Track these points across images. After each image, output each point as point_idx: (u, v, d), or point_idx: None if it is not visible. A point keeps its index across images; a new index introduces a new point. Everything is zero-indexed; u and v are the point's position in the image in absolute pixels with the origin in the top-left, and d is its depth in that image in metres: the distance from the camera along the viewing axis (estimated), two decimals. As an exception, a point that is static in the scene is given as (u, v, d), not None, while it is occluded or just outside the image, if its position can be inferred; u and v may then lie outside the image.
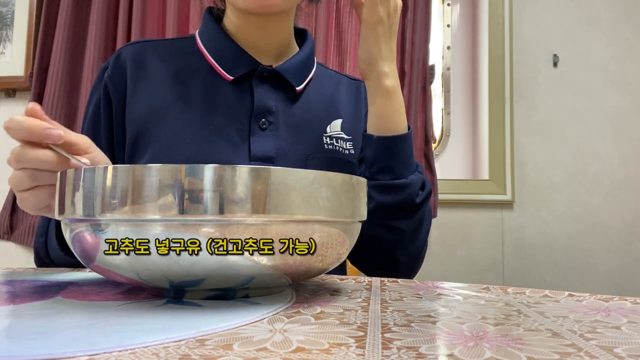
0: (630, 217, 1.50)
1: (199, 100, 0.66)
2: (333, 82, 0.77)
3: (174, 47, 0.71)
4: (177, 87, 0.66)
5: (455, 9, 1.74)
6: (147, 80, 0.67)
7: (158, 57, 0.69)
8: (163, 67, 0.68)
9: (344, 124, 0.72)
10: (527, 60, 1.57)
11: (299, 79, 0.70)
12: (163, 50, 0.70)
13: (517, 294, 0.39)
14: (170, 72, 0.68)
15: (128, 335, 0.23)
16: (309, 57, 0.73)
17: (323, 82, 0.75)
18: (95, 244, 0.31)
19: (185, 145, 0.62)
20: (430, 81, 1.53)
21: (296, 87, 0.69)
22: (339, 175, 0.33)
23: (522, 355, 0.21)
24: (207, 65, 0.68)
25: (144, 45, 0.71)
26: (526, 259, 1.51)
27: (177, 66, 0.68)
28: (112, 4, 1.54)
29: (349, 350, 0.22)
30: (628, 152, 1.52)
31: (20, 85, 1.60)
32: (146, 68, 0.68)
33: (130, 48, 0.70)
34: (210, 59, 0.68)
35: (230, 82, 0.67)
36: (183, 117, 0.64)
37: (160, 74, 0.67)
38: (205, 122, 0.64)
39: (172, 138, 0.63)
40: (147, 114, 0.65)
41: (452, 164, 1.69)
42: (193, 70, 0.68)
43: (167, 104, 0.65)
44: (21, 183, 0.44)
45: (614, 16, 1.55)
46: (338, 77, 0.79)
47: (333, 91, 0.75)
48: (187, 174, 0.29)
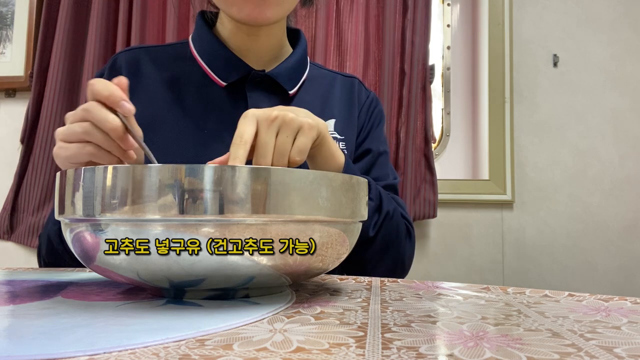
0: (630, 217, 1.50)
1: (193, 106, 0.66)
2: (327, 82, 0.77)
3: (168, 54, 0.72)
4: (172, 94, 0.67)
5: (455, 9, 1.74)
6: (142, 88, 0.67)
7: (153, 63, 0.70)
8: (157, 74, 0.69)
9: (337, 123, 0.72)
10: (527, 60, 1.57)
11: (292, 83, 0.70)
12: (157, 56, 0.71)
13: (517, 294, 0.39)
14: (165, 78, 0.68)
15: (128, 335, 0.23)
16: (302, 59, 0.73)
17: (317, 83, 0.75)
18: (95, 244, 0.31)
19: (180, 153, 0.63)
20: (430, 81, 1.53)
21: (289, 91, 0.69)
22: (339, 175, 0.33)
23: (522, 355, 0.21)
24: (201, 71, 0.69)
25: (139, 52, 0.71)
26: (526, 259, 1.51)
27: (171, 73, 0.69)
28: (112, 4, 1.54)
29: (349, 350, 0.22)
30: (628, 152, 1.52)
31: (20, 85, 1.60)
32: (141, 75, 0.69)
33: (126, 55, 0.71)
34: (203, 65, 0.69)
35: (223, 88, 0.67)
36: (177, 124, 0.65)
37: (154, 81, 0.68)
38: (200, 129, 0.65)
39: (167, 145, 0.63)
40: (141, 122, 0.64)
41: (452, 164, 1.69)
42: (187, 76, 0.68)
43: (161, 112, 0.66)
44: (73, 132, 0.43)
45: (614, 16, 1.55)
46: (332, 76, 0.79)
47: (327, 91, 0.75)
48: (187, 174, 0.29)
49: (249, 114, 0.46)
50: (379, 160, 0.74)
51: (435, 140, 1.68)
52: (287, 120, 0.47)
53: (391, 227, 0.64)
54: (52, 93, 1.50)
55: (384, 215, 0.62)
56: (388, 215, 0.63)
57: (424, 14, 1.50)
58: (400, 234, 0.66)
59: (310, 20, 1.50)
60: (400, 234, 0.66)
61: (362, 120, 0.77)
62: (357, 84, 0.79)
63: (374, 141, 0.75)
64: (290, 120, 0.47)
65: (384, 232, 0.63)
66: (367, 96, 0.79)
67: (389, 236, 0.64)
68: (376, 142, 0.76)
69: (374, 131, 0.77)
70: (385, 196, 0.64)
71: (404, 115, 1.45)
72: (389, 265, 0.65)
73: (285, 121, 0.47)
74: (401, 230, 0.66)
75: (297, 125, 0.47)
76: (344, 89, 0.77)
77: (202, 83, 0.68)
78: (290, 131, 0.47)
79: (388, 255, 0.64)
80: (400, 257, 0.67)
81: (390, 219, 0.63)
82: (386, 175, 0.74)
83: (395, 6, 1.50)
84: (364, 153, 0.74)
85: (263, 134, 0.45)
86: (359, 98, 0.78)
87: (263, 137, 0.45)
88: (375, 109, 0.79)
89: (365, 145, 0.74)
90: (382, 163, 0.74)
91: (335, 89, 0.77)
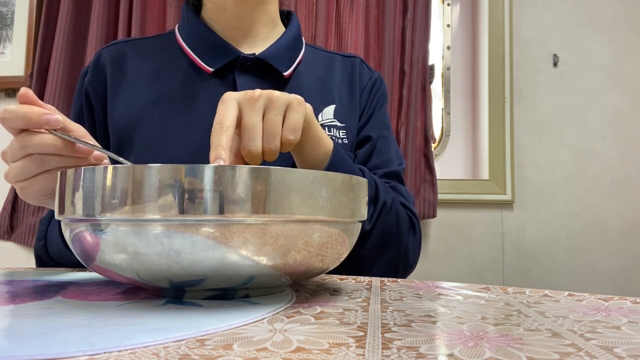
0: (630, 217, 1.50)
1: (180, 97, 0.63)
2: (325, 64, 0.71)
3: (153, 45, 0.69)
4: (158, 86, 0.64)
5: (455, 9, 1.74)
6: (127, 82, 0.65)
7: (138, 56, 0.67)
8: (143, 66, 0.66)
9: (337, 109, 0.67)
10: (527, 60, 1.57)
11: (286, 64, 0.65)
12: (142, 49, 0.68)
13: (517, 294, 0.39)
14: (151, 71, 0.65)
15: (128, 335, 0.23)
16: (295, 39, 0.68)
17: (314, 64, 0.70)
18: (95, 244, 0.31)
19: (168, 146, 0.61)
20: (430, 81, 1.53)
21: (283, 73, 0.65)
22: (338, 175, 0.33)
23: (522, 355, 0.21)
24: (187, 59, 0.65)
25: (123, 46, 0.69)
26: (526, 259, 1.51)
27: (157, 64, 0.66)
28: (113, 4, 1.54)
29: (349, 350, 0.22)
30: (628, 152, 1.52)
31: (20, 85, 1.60)
32: (126, 69, 0.66)
33: (109, 50, 0.68)
34: (189, 52, 0.65)
35: (211, 75, 0.64)
36: (165, 117, 0.62)
37: (140, 74, 0.65)
38: (188, 120, 0.62)
39: (154, 138, 0.61)
40: (128, 116, 0.63)
41: (452, 164, 1.69)
42: (173, 66, 0.65)
43: (148, 105, 0.63)
44: (27, 170, 0.42)
45: (614, 16, 1.55)
46: (330, 57, 0.73)
47: (325, 74, 0.70)
48: (187, 173, 0.29)
49: (227, 97, 0.41)
50: (378, 145, 0.68)
51: (435, 140, 1.68)
52: (273, 98, 0.42)
53: (390, 219, 0.59)
54: (52, 93, 1.50)
55: (380, 207, 0.57)
56: (385, 206, 0.58)
57: (424, 14, 1.50)
58: (402, 226, 0.61)
59: (310, 20, 1.50)
60: (401, 226, 0.61)
61: (364, 104, 0.71)
62: (358, 63, 0.73)
63: (374, 126, 0.70)
64: (276, 98, 0.42)
65: (382, 224, 0.58)
66: (369, 77, 0.73)
67: (387, 229, 0.59)
68: (376, 127, 0.70)
69: (375, 115, 0.71)
70: (382, 186, 0.59)
71: (404, 115, 1.45)
72: (390, 261, 0.61)
73: (271, 99, 0.42)
74: (402, 221, 0.61)
75: (284, 102, 0.42)
76: (344, 71, 0.72)
77: (189, 72, 0.65)
78: (278, 109, 0.42)
79: (388, 249, 0.60)
80: (403, 251, 0.61)
81: (388, 210, 0.58)
82: (388, 161, 0.68)
83: (395, 6, 1.50)
84: (364, 140, 0.68)
85: (248, 116, 0.41)
86: (361, 80, 0.72)
87: (248, 119, 0.41)
88: (378, 91, 0.73)
89: (366, 131, 0.69)
90: (382, 149, 0.69)
91: (335, 71, 0.71)
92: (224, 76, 0.64)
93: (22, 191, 0.44)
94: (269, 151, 0.42)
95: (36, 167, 0.42)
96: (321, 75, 0.70)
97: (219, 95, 0.62)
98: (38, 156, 0.42)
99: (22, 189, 0.44)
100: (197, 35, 0.66)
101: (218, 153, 0.37)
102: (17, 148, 0.41)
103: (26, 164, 0.42)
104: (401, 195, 0.65)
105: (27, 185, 0.43)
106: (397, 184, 0.67)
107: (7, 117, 0.40)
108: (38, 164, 0.42)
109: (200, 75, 0.64)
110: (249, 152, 0.41)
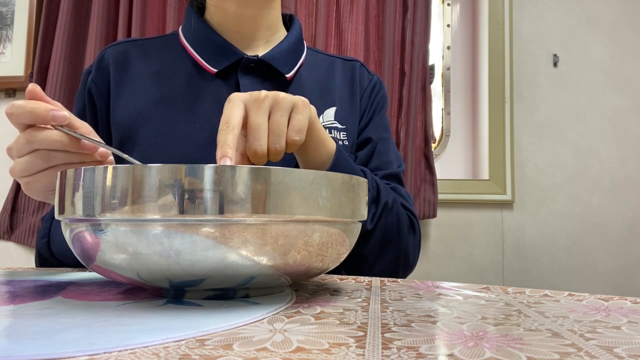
0: (630, 217, 1.50)
1: (183, 97, 0.63)
2: (326, 66, 0.73)
3: (157, 45, 0.69)
4: (161, 86, 0.65)
5: (455, 9, 1.74)
6: (131, 82, 0.65)
7: (141, 56, 0.67)
8: (146, 66, 0.66)
9: (337, 111, 0.68)
10: (527, 60, 1.57)
11: (289, 66, 0.66)
12: (146, 49, 0.68)
13: (517, 294, 0.39)
14: (154, 71, 0.66)
15: (128, 335, 0.23)
16: (297, 41, 0.69)
17: (315, 67, 0.71)
18: (95, 244, 0.31)
19: (171, 145, 0.61)
20: (430, 81, 1.53)
21: (286, 75, 0.66)
22: (339, 175, 0.33)
23: (522, 355, 0.21)
24: (191, 60, 0.66)
25: (126, 46, 0.69)
26: (526, 259, 1.51)
27: (161, 64, 0.66)
28: (113, 4, 1.54)
29: (349, 350, 0.22)
30: (628, 152, 1.52)
31: (20, 85, 1.61)
32: (129, 69, 0.66)
33: (113, 49, 0.68)
34: (193, 53, 0.66)
35: (215, 76, 0.64)
36: (168, 117, 0.62)
37: (143, 74, 0.66)
38: (191, 120, 0.62)
39: (158, 138, 0.61)
40: (131, 116, 0.63)
41: (452, 164, 1.69)
42: (177, 67, 0.66)
43: (151, 105, 0.63)
44: (33, 165, 0.42)
45: (614, 16, 1.55)
46: (331, 61, 0.74)
47: (326, 76, 0.71)
48: (187, 173, 0.29)
49: (234, 98, 0.42)
50: (378, 148, 0.69)
51: (435, 140, 1.68)
52: (279, 99, 0.43)
53: (391, 219, 0.60)
54: (52, 93, 1.50)
55: (382, 207, 0.59)
56: (387, 207, 0.59)
57: (424, 14, 1.50)
58: (402, 227, 0.62)
59: (310, 20, 1.50)
60: (401, 227, 0.62)
61: (364, 106, 0.72)
62: (358, 67, 0.74)
63: (374, 129, 0.71)
64: (282, 99, 0.43)
65: (383, 224, 0.59)
66: (369, 80, 0.74)
67: (388, 229, 0.60)
68: (377, 129, 0.71)
69: (375, 117, 0.72)
70: (383, 187, 0.61)
71: (404, 115, 1.45)
72: (390, 260, 0.62)
73: (277, 100, 0.43)
74: (403, 222, 0.62)
75: (290, 103, 0.43)
76: (344, 74, 0.73)
77: (193, 72, 0.65)
78: (283, 110, 0.43)
79: (389, 249, 0.61)
80: (403, 251, 0.63)
81: (389, 211, 0.59)
82: (388, 163, 0.69)
83: (395, 6, 1.50)
84: (365, 142, 0.69)
85: (254, 116, 0.41)
86: (361, 83, 0.73)
87: (254, 119, 0.41)
88: (378, 94, 0.74)
89: (366, 133, 0.70)
90: (382, 151, 0.70)
91: (335, 74, 0.72)
92: (227, 77, 0.65)
93: (27, 186, 0.45)
94: (274, 151, 0.43)
95: (42, 163, 0.42)
96: (322, 77, 0.71)
97: (222, 96, 0.63)
98: (44, 152, 0.42)
99: (26, 184, 0.45)
100: (201, 36, 0.66)
101: (224, 151, 0.38)
102: (23, 143, 0.42)
103: (32, 160, 0.42)
104: (401, 196, 0.66)
105: (32, 180, 0.44)
106: (397, 185, 0.68)
107: (14, 112, 0.41)
108: (44, 160, 0.42)
109: (203, 76, 0.65)
110: (255, 152, 0.42)
